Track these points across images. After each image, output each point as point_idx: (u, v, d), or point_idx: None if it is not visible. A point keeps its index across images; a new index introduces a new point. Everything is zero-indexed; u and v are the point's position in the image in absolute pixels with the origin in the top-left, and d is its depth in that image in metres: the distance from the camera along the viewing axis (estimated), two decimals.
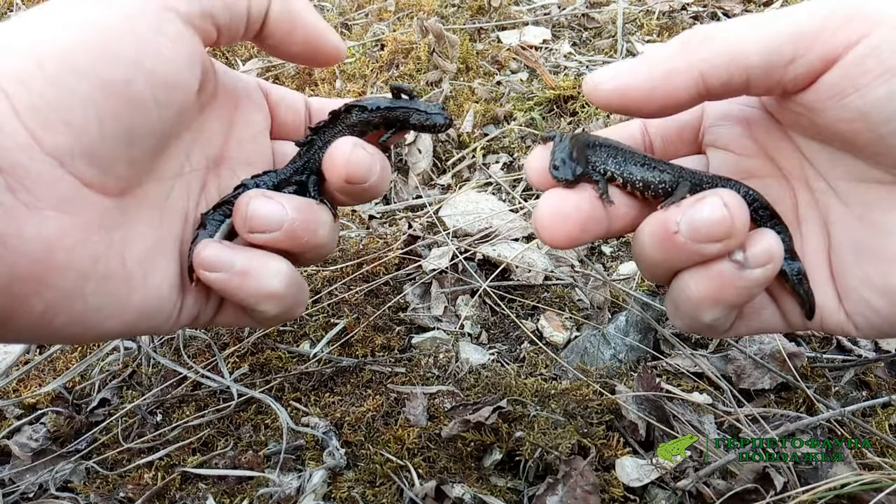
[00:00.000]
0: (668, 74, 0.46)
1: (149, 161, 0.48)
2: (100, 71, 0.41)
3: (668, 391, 0.81)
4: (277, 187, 0.56)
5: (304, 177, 0.57)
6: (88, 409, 0.83)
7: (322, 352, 0.88)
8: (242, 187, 0.55)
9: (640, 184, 0.52)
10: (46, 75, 0.39)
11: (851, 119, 0.43)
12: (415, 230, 1.06)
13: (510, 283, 0.98)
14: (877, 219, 0.47)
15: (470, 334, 0.93)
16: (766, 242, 0.47)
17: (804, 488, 0.70)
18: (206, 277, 0.50)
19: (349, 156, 0.52)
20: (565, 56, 1.42)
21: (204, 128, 0.54)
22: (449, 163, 1.21)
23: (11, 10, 1.65)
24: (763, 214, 0.52)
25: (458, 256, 1.00)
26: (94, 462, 0.78)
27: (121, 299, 0.46)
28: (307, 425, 0.80)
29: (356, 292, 0.95)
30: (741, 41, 0.44)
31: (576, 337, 0.92)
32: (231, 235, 0.54)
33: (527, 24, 1.52)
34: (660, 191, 0.52)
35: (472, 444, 0.76)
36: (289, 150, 0.60)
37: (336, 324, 0.91)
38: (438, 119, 0.58)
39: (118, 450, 0.78)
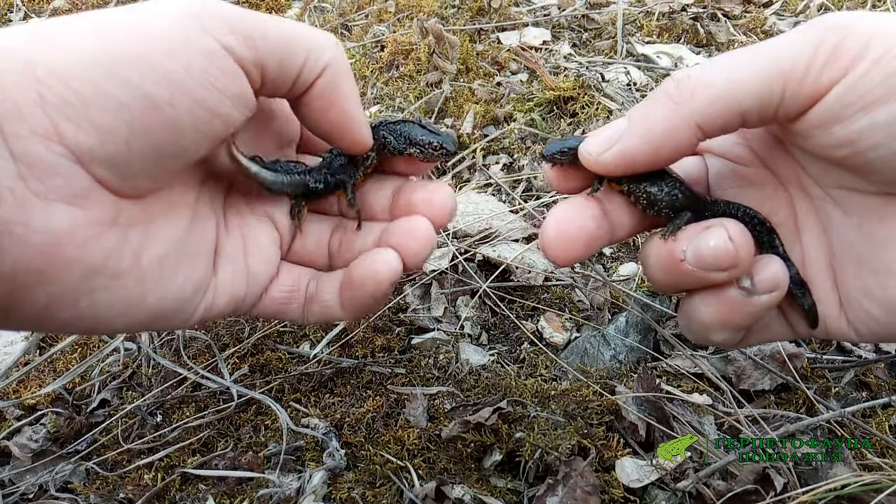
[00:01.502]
0: (667, 134, 0.47)
1: (173, 176, 0.47)
2: (145, 85, 0.40)
3: (668, 392, 0.81)
4: (326, 184, 0.57)
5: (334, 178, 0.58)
6: (88, 410, 0.83)
7: (322, 353, 0.88)
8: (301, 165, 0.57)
9: (645, 200, 0.53)
10: (86, 75, 0.39)
11: (839, 145, 0.44)
12: None
13: (510, 283, 0.98)
14: (873, 230, 0.47)
15: (470, 335, 0.93)
16: (772, 270, 0.48)
17: (804, 489, 0.70)
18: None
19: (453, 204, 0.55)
20: (565, 57, 1.43)
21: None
22: (449, 163, 1.21)
23: (12, 11, 1.65)
24: (761, 230, 0.53)
25: (458, 257, 1.00)
26: (94, 463, 0.78)
27: (133, 299, 0.45)
28: (307, 426, 0.80)
29: None
30: (732, 88, 0.44)
31: (576, 338, 0.92)
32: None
33: (527, 25, 1.52)
34: (662, 212, 0.53)
35: (472, 444, 0.76)
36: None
37: (336, 324, 0.91)
38: (450, 147, 0.59)
39: (118, 451, 0.78)
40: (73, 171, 0.40)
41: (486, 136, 1.24)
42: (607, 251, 1.06)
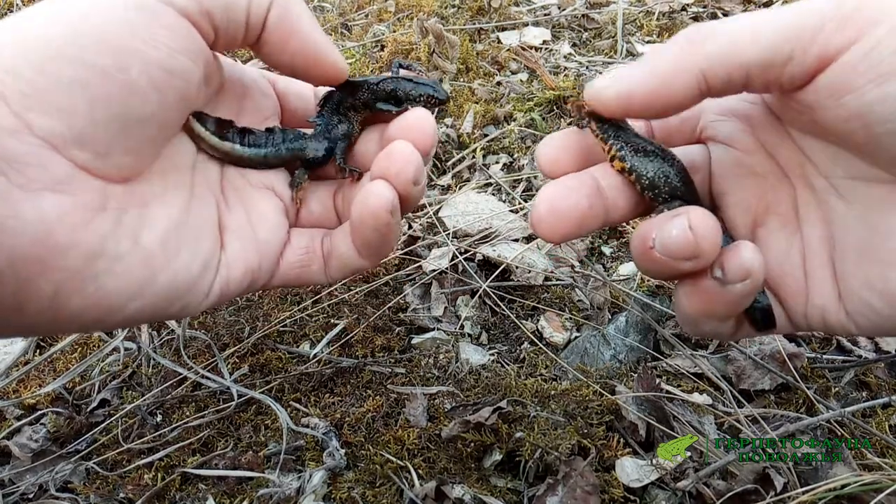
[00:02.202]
0: (670, 76, 0.46)
1: (150, 149, 0.48)
2: (89, 57, 0.41)
3: (668, 392, 0.81)
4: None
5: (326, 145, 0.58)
6: (88, 410, 0.83)
7: (322, 352, 0.88)
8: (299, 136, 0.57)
9: (646, 180, 0.52)
10: (33, 63, 0.40)
11: (847, 118, 0.43)
12: (415, 231, 1.06)
13: (510, 283, 0.98)
14: (876, 219, 0.47)
15: (470, 335, 0.93)
16: (740, 258, 0.46)
17: (804, 489, 0.70)
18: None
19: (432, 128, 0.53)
20: (565, 57, 1.42)
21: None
22: (449, 163, 1.21)
23: (12, 11, 1.65)
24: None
25: (458, 257, 1.00)
26: (94, 462, 0.78)
27: (142, 280, 0.46)
28: (307, 426, 0.80)
29: (356, 293, 0.95)
30: (741, 40, 0.44)
31: (576, 337, 0.92)
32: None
33: (527, 24, 1.52)
34: (660, 196, 0.52)
35: (472, 444, 0.76)
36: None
37: (336, 324, 0.91)
38: (440, 95, 0.59)
39: (118, 450, 0.78)
40: (50, 158, 0.40)
41: (486, 135, 1.24)
42: (607, 251, 1.06)
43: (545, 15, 1.55)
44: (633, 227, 1.03)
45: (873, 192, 0.47)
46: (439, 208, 1.10)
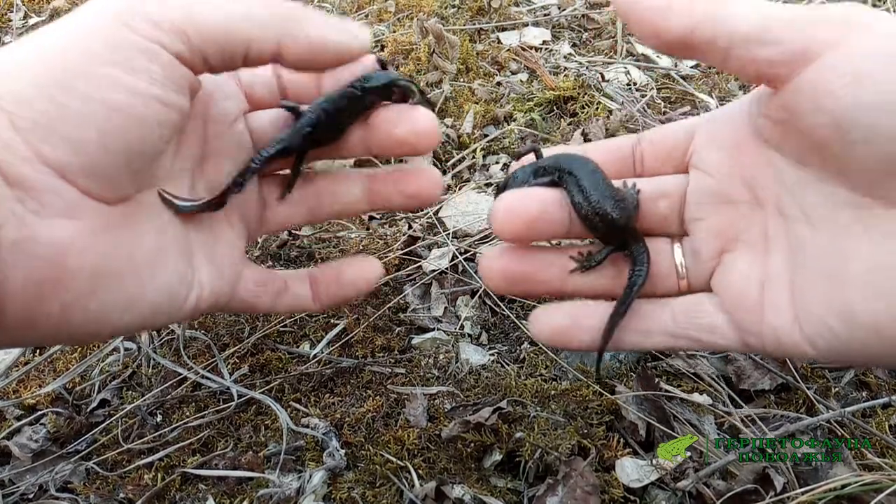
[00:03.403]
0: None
1: (147, 175, 0.50)
2: (100, 93, 0.43)
3: (667, 392, 0.81)
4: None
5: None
6: (88, 410, 0.83)
7: (322, 353, 0.88)
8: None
9: (576, 208, 0.58)
10: (44, 94, 0.42)
11: (824, 123, 0.44)
12: (415, 231, 1.06)
13: None
14: (841, 244, 0.48)
15: (470, 335, 0.93)
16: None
17: (804, 489, 0.70)
18: None
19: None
20: (565, 57, 1.43)
21: (185, 129, 0.55)
22: (449, 163, 1.21)
23: (12, 11, 1.65)
24: (639, 273, 0.59)
25: (457, 257, 1.00)
26: (94, 463, 0.78)
27: (133, 295, 0.49)
28: (307, 426, 0.80)
29: None
30: (739, 12, 0.46)
31: None
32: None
33: (527, 24, 1.52)
34: (589, 224, 0.58)
35: (472, 444, 0.76)
36: (266, 119, 0.62)
37: (336, 324, 0.91)
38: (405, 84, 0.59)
39: (118, 450, 0.78)
40: (61, 187, 0.43)
41: (486, 136, 1.24)
42: None
43: (545, 15, 1.55)
44: None
45: (840, 217, 0.48)
46: (439, 208, 1.10)
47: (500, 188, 0.64)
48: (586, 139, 1.18)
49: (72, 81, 0.42)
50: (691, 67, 1.39)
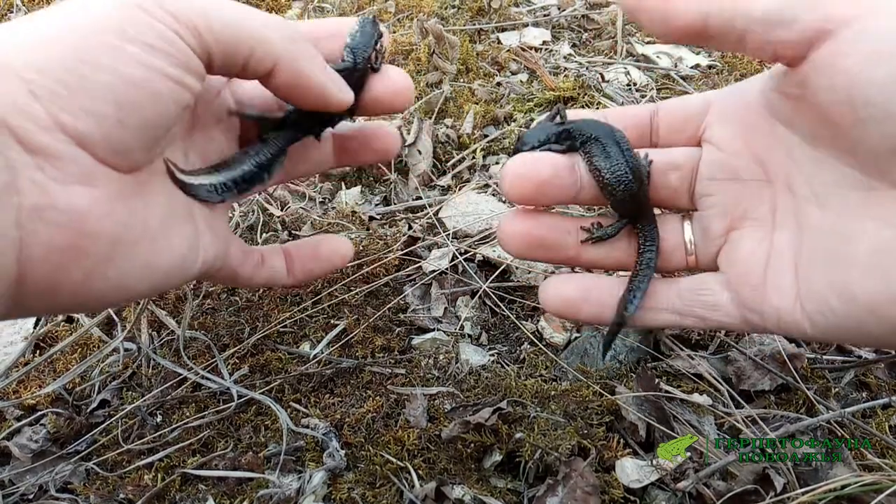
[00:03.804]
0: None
1: (159, 147, 0.51)
2: (119, 66, 0.44)
3: (667, 392, 0.81)
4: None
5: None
6: (88, 411, 0.83)
7: (322, 353, 0.88)
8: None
9: (598, 174, 0.58)
10: (65, 65, 0.42)
11: (837, 100, 0.45)
12: (415, 231, 1.06)
13: (510, 284, 0.98)
14: (847, 225, 0.49)
15: (470, 335, 0.93)
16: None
17: (804, 489, 0.70)
18: None
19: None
20: (565, 57, 1.43)
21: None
22: (449, 164, 1.21)
23: (12, 12, 1.65)
24: (650, 245, 0.60)
25: (458, 257, 1.00)
26: (94, 463, 0.78)
27: (150, 261, 0.50)
28: (307, 426, 0.80)
29: (356, 293, 0.95)
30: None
31: (576, 338, 0.92)
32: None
33: (527, 25, 1.52)
34: (606, 189, 0.58)
35: (472, 445, 0.76)
36: (248, 86, 0.63)
37: (336, 325, 0.91)
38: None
39: (118, 451, 0.78)
40: (78, 154, 0.43)
41: (486, 136, 1.24)
42: None
43: (545, 15, 1.55)
44: None
45: (849, 198, 0.49)
46: (439, 209, 1.10)
47: (515, 148, 0.64)
48: None
49: (93, 54, 0.43)
50: (691, 68, 1.39)
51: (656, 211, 0.62)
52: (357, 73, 0.60)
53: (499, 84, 1.36)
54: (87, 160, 0.44)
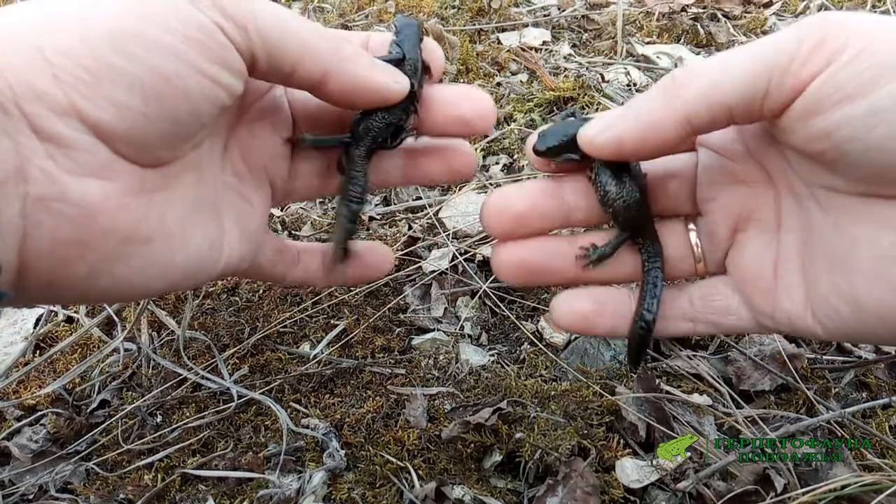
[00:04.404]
0: (655, 123, 0.49)
1: (187, 145, 0.48)
2: (151, 58, 0.41)
3: (667, 392, 0.81)
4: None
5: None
6: (88, 411, 0.83)
7: (322, 353, 0.88)
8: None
9: (603, 193, 0.56)
10: (95, 52, 0.40)
11: (817, 138, 0.45)
12: (415, 232, 1.06)
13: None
14: (848, 229, 0.48)
15: (470, 335, 0.93)
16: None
17: (804, 489, 0.70)
18: None
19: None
20: (565, 57, 1.43)
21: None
22: None
23: None
24: (654, 262, 0.58)
25: (458, 258, 1.00)
26: (94, 463, 0.78)
27: (164, 261, 0.47)
28: (307, 427, 0.80)
29: (356, 294, 0.95)
30: (719, 83, 0.46)
31: (576, 338, 0.92)
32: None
33: (527, 25, 1.52)
34: (615, 215, 0.57)
35: (472, 445, 0.76)
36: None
37: (336, 325, 0.91)
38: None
39: (118, 451, 0.78)
40: (95, 146, 0.41)
41: (486, 136, 1.24)
42: None
43: (545, 16, 1.55)
44: None
45: (848, 203, 0.48)
46: (439, 209, 1.10)
47: (535, 146, 0.60)
48: None
49: (125, 43, 0.41)
50: None
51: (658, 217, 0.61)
52: (408, 65, 0.57)
53: (499, 84, 1.36)
54: (105, 152, 0.42)
